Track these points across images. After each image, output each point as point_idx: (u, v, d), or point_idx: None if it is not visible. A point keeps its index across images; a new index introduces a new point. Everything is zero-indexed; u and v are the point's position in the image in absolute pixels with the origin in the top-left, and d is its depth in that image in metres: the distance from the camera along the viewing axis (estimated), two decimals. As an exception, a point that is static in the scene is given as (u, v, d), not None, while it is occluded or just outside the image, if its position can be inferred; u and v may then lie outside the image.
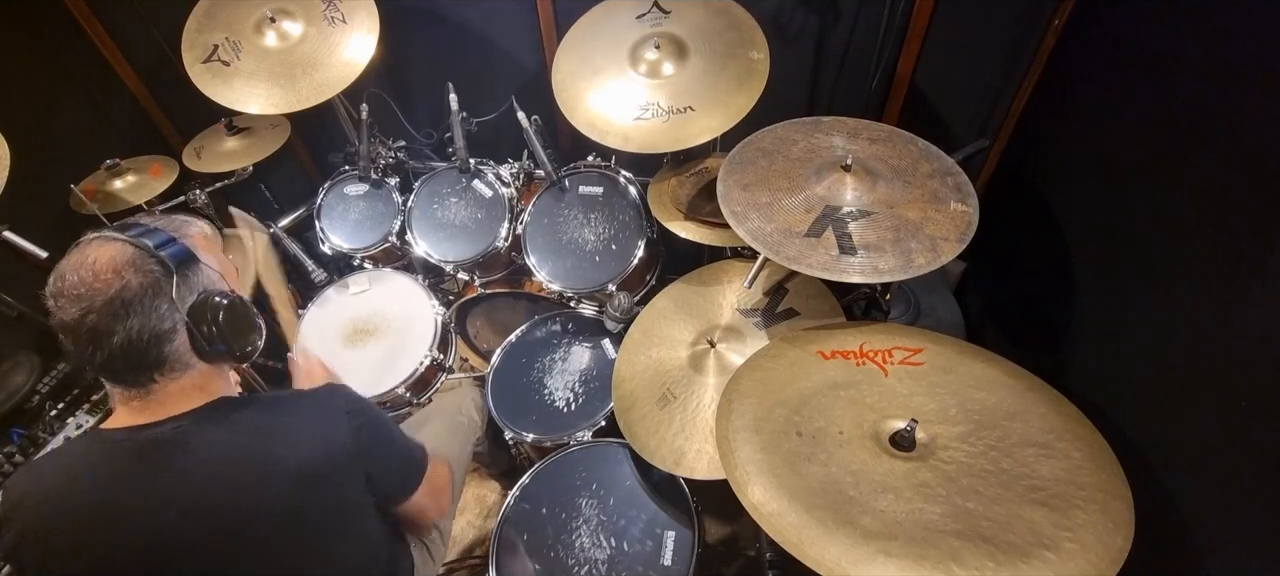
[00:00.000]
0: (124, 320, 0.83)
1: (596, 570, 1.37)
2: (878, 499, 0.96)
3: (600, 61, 1.75)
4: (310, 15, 1.82)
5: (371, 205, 2.05)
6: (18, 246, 1.58)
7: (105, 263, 0.83)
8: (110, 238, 0.86)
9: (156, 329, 0.85)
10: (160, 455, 0.88)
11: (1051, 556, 0.84)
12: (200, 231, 0.98)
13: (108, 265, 0.83)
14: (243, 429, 0.93)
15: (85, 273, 0.83)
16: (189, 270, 0.90)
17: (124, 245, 0.85)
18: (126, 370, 0.86)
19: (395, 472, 1.11)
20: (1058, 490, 0.92)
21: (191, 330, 0.89)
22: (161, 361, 0.87)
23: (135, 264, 0.85)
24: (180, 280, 0.87)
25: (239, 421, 0.94)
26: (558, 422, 1.68)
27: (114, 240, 0.86)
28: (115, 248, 0.85)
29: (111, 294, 0.82)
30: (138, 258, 0.85)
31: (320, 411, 1.00)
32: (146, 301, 0.84)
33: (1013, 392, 1.09)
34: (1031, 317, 1.74)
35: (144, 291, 0.84)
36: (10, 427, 1.62)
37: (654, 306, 1.68)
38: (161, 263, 0.86)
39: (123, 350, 0.84)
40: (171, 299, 0.86)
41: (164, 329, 0.86)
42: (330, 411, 1.00)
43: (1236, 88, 1.07)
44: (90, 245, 0.86)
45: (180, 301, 0.87)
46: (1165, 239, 1.20)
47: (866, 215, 1.25)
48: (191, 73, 1.75)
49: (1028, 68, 1.80)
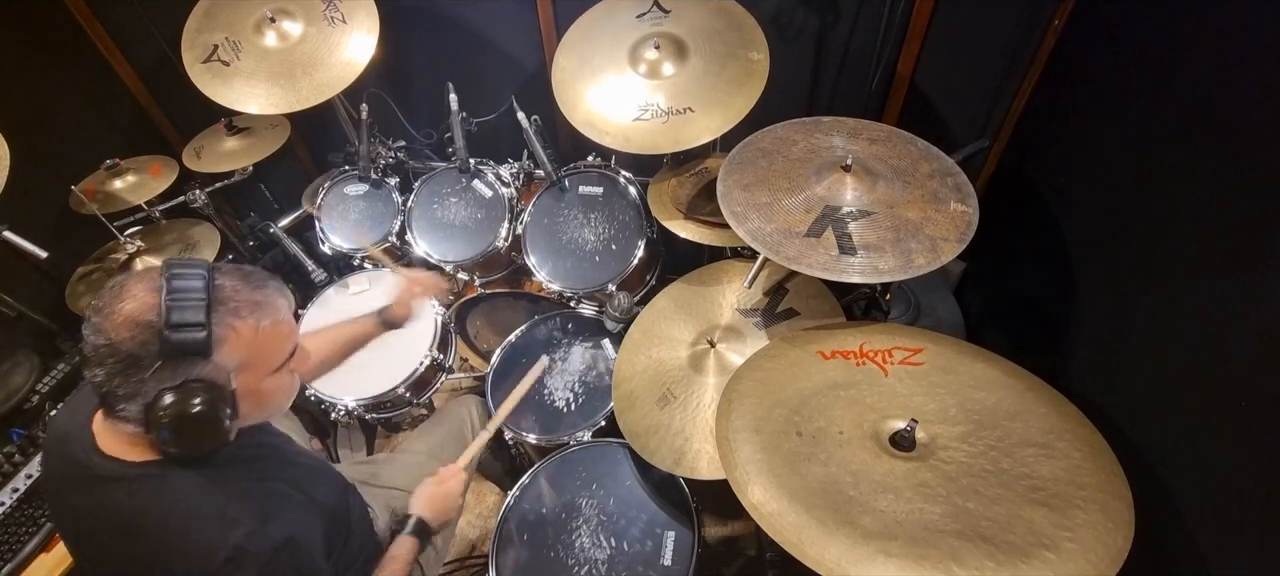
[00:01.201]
0: (104, 365, 0.84)
1: (596, 570, 1.37)
2: (878, 499, 0.96)
3: (600, 61, 1.75)
4: (310, 15, 1.82)
5: (371, 205, 2.05)
6: (18, 246, 1.58)
7: (127, 313, 0.84)
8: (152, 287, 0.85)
9: (119, 389, 0.85)
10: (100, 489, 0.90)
11: (1051, 556, 0.84)
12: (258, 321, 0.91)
13: (126, 316, 0.84)
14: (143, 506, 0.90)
15: (114, 302, 0.85)
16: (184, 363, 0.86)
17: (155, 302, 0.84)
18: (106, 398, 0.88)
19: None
20: (1058, 490, 0.92)
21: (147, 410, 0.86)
22: (116, 414, 0.88)
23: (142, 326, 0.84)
24: (166, 367, 0.85)
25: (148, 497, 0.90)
26: (558, 423, 1.68)
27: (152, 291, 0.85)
28: (145, 303, 0.84)
29: (110, 339, 0.84)
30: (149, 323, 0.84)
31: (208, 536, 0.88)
32: (126, 366, 0.84)
33: (1013, 392, 1.09)
34: (1031, 317, 1.74)
35: (128, 357, 0.84)
36: (10, 427, 1.62)
37: (654, 306, 1.68)
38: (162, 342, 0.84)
39: (100, 387, 0.86)
40: (144, 377, 0.85)
41: (124, 392, 0.85)
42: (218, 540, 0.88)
43: (1236, 88, 1.07)
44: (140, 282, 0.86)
45: (155, 380, 0.85)
46: (1165, 238, 1.20)
47: (866, 215, 1.25)
48: (191, 73, 1.75)
49: (1028, 68, 1.80)
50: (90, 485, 0.90)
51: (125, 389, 0.85)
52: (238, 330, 0.89)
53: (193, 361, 0.86)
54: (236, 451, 0.95)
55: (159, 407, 0.85)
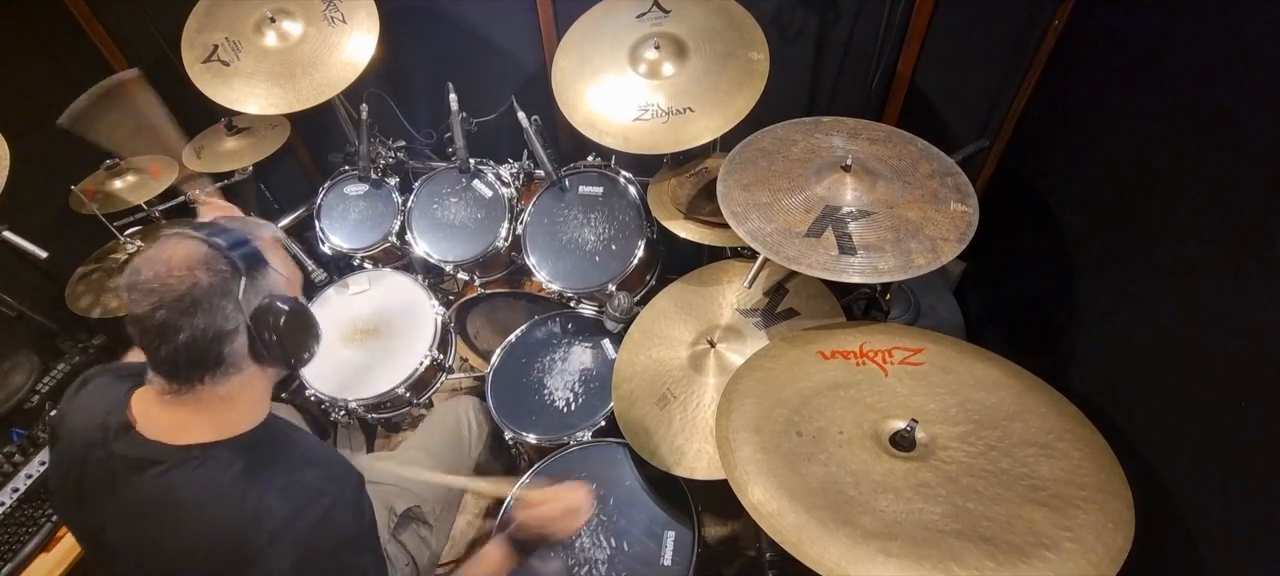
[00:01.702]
0: (191, 317, 0.84)
1: (596, 570, 1.37)
2: (878, 499, 0.96)
3: (600, 61, 1.75)
4: (310, 15, 1.82)
5: (371, 205, 2.05)
6: (18, 246, 1.58)
7: (180, 259, 0.85)
8: (187, 235, 0.88)
9: (221, 328, 0.87)
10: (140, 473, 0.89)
11: (1051, 556, 0.84)
12: (271, 234, 1.00)
13: (182, 262, 0.85)
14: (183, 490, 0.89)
15: (160, 268, 0.85)
16: (257, 273, 0.91)
17: (198, 243, 0.87)
18: (186, 366, 0.87)
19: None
20: (1057, 490, 0.92)
21: (252, 333, 0.89)
22: (220, 361, 0.88)
23: (207, 263, 0.86)
24: (248, 282, 0.89)
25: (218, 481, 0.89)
26: (558, 422, 1.68)
27: (189, 237, 0.88)
28: (190, 245, 0.87)
29: (182, 291, 0.84)
30: (210, 256, 0.87)
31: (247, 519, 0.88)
32: (215, 300, 0.86)
33: (1013, 392, 1.09)
34: (1031, 317, 1.74)
35: (212, 290, 0.85)
36: (10, 427, 1.62)
37: (654, 306, 1.68)
38: (232, 263, 0.88)
39: (187, 347, 0.85)
40: (237, 300, 0.87)
41: (227, 329, 0.87)
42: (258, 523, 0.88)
43: (1236, 88, 1.07)
44: (168, 242, 0.88)
45: (246, 303, 0.88)
46: (1165, 238, 1.20)
47: (866, 215, 1.25)
48: (191, 73, 1.75)
49: (1028, 68, 1.80)
50: (127, 473, 0.89)
51: (217, 326, 0.86)
52: (264, 239, 0.96)
53: (260, 270, 0.91)
54: (267, 435, 0.97)
55: (267, 319, 0.90)
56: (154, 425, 0.90)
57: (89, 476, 0.92)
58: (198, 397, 0.90)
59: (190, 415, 0.90)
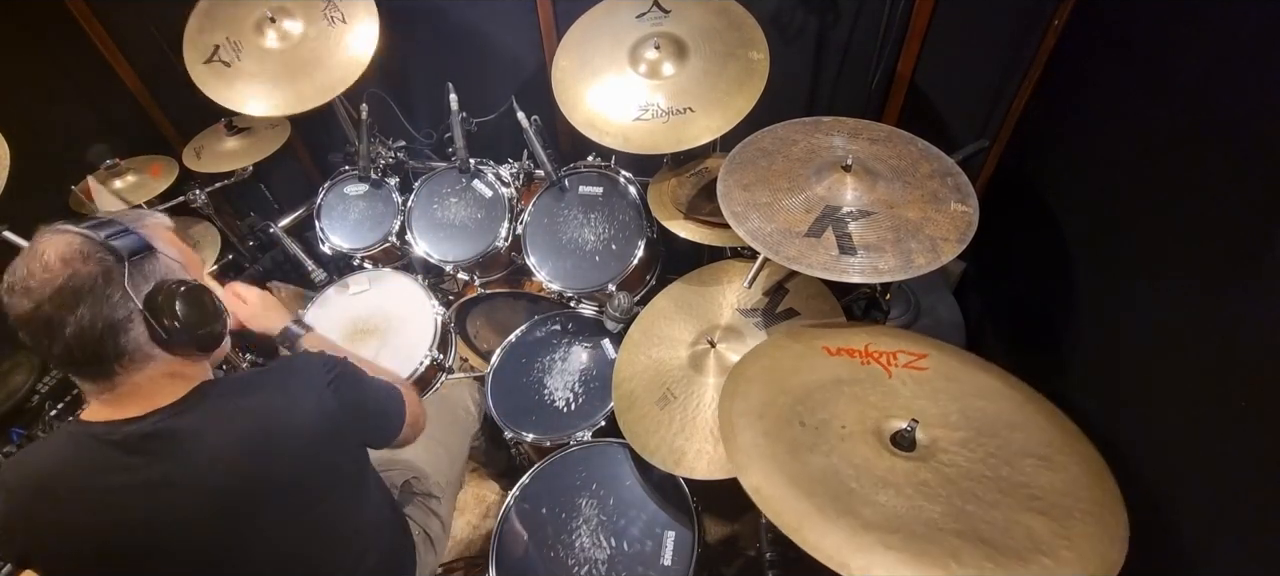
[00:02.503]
0: (73, 309, 0.82)
1: (596, 570, 1.38)
2: (879, 493, 0.96)
3: (600, 61, 1.75)
4: (310, 15, 1.82)
5: (371, 205, 2.05)
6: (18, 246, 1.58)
7: (54, 254, 0.83)
8: (61, 230, 0.86)
9: (109, 318, 0.84)
10: (148, 445, 0.88)
11: (1049, 563, 0.84)
12: (158, 222, 0.98)
13: (57, 256, 0.83)
14: (231, 410, 0.94)
15: (35, 265, 0.82)
16: (143, 259, 0.88)
17: (73, 236, 0.85)
18: (85, 362, 0.85)
19: (379, 423, 1.15)
20: (1056, 500, 0.92)
21: (148, 319, 0.87)
22: (120, 353, 0.86)
23: (84, 253, 0.84)
24: (133, 268, 0.86)
25: (225, 403, 0.94)
26: (558, 422, 1.68)
27: (64, 232, 0.85)
28: (65, 239, 0.84)
29: (60, 283, 0.81)
30: (87, 247, 0.84)
31: (304, 382, 1.01)
32: (98, 290, 0.83)
33: (1013, 404, 1.09)
34: (1031, 317, 1.74)
35: (93, 280, 0.83)
36: (10, 427, 1.62)
37: (654, 306, 1.68)
38: (112, 251, 0.85)
39: (76, 340, 0.83)
40: (124, 288, 0.85)
41: (117, 318, 0.85)
42: (314, 380, 1.01)
43: (1236, 88, 1.06)
44: (41, 238, 0.85)
45: (134, 290, 0.86)
46: (1165, 238, 1.20)
47: (866, 215, 1.25)
48: (193, 73, 1.76)
49: (1028, 68, 1.80)
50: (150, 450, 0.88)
51: (111, 317, 0.84)
52: (150, 227, 0.94)
53: (146, 256, 0.89)
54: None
55: (158, 302, 0.87)
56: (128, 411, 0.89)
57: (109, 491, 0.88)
58: (129, 386, 0.89)
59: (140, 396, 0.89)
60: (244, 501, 0.93)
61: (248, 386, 0.99)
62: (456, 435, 1.67)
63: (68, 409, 1.69)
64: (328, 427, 0.99)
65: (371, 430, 1.13)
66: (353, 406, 1.04)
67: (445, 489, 1.52)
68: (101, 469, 0.88)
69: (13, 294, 0.83)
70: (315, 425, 0.98)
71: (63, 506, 0.88)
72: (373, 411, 1.13)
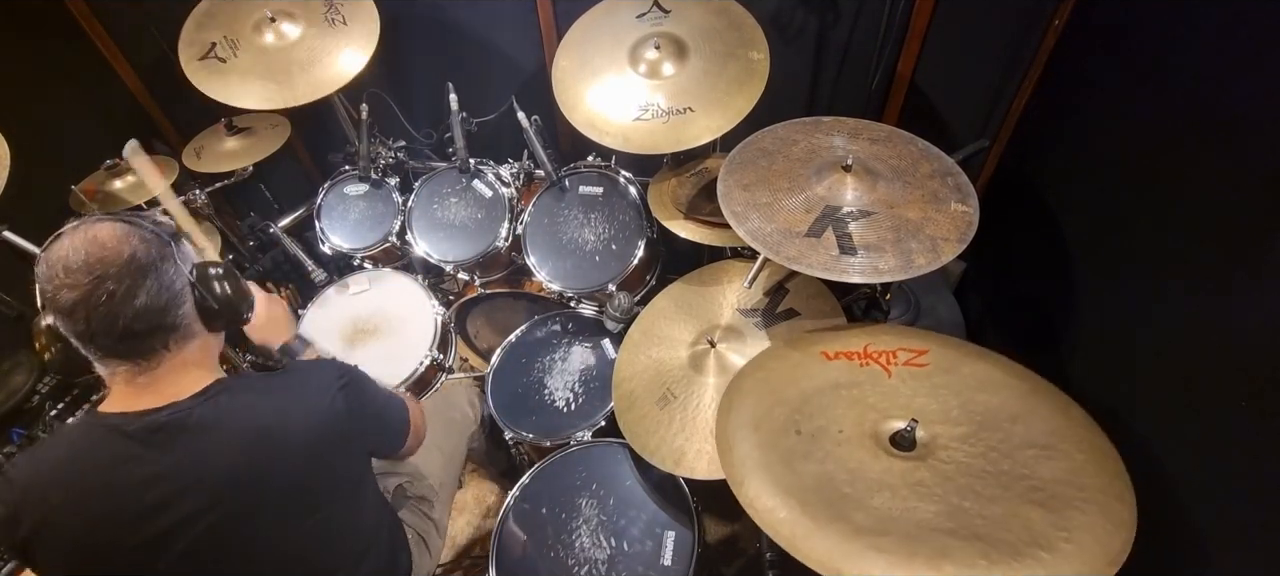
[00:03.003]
0: (143, 281, 0.86)
1: (596, 570, 1.38)
2: (872, 497, 0.96)
3: (600, 61, 1.75)
4: (310, 17, 1.82)
5: (371, 205, 2.05)
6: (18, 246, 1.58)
7: (108, 235, 0.86)
8: (102, 218, 0.89)
9: (171, 289, 0.89)
10: (164, 437, 0.89)
11: (1046, 556, 0.83)
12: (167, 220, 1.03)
13: (111, 237, 0.86)
14: (243, 408, 0.95)
15: (93, 248, 0.84)
16: (178, 243, 0.94)
17: (116, 222, 0.88)
18: (144, 335, 0.88)
19: (386, 432, 1.18)
20: (1057, 491, 0.92)
21: (198, 292, 0.93)
22: (176, 325, 0.91)
23: (136, 234, 0.88)
24: (176, 251, 0.92)
25: (238, 401, 0.96)
26: (558, 422, 1.68)
27: (105, 220, 0.88)
28: (109, 224, 0.87)
29: (125, 258, 0.85)
30: (134, 230, 0.88)
31: (317, 386, 1.04)
32: (158, 263, 0.88)
33: (1016, 394, 1.09)
34: (1031, 317, 1.74)
35: (151, 254, 0.87)
36: (10, 427, 1.62)
37: (654, 306, 1.68)
38: (156, 233, 0.90)
39: (144, 313, 0.86)
40: (176, 262, 0.91)
41: (177, 288, 0.90)
42: (326, 385, 1.03)
43: (1236, 88, 1.07)
44: (82, 227, 0.87)
45: (175, 270, 0.91)
46: (1165, 239, 1.20)
47: (866, 215, 1.25)
48: (187, 69, 1.75)
49: (1028, 68, 1.80)
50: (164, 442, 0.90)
51: (171, 288, 0.89)
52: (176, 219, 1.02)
53: (180, 240, 0.94)
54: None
55: (208, 277, 0.95)
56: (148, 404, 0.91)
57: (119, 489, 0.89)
58: (168, 368, 0.92)
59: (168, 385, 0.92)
60: (246, 499, 0.94)
61: (261, 387, 1.03)
62: (452, 437, 1.67)
63: (68, 409, 1.69)
64: (335, 432, 1.01)
65: (378, 438, 1.16)
66: (361, 413, 1.06)
67: (439, 492, 1.52)
68: (114, 460, 0.89)
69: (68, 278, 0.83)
70: (323, 429, 1.00)
71: (73, 496, 0.89)
72: (380, 419, 1.15)
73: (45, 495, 0.89)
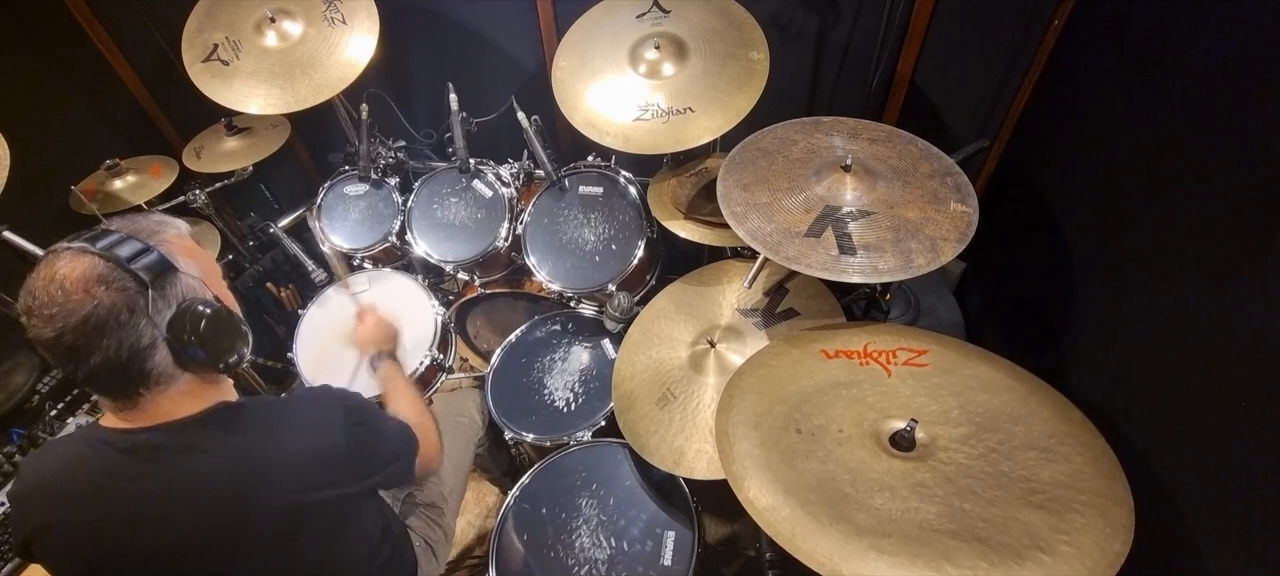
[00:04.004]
0: (99, 340, 0.79)
1: (596, 570, 1.38)
2: (874, 497, 0.96)
3: (600, 61, 1.75)
4: (310, 15, 1.82)
5: (371, 205, 2.05)
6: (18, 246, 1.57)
7: (75, 281, 0.79)
8: (80, 250, 0.81)
9: (135, 346, 0.82)
10: (153, 455, 0.88)
11: (1046, 559, 0.84)
12: (177, 233, 0.93)
13: (78, 283, 0.79)
14: (239, 433, 0.93)
15: (55, 291, 0.79)
16: (165, 281, 0.85)
17: (94, 259, 0.81)
18: (111, 385, 0.85)
19: (391, 464, 1.12)
20: (1056, 493, 0.92)
21: (172, 344, 0.85)
22: (145, 376, 0.85)
23: (107, 280, 0.80)
24: (156, 294, 0.83)
25: (235, 426, 0.93)
26: (558, 423, 1.68)
27: (84, 254, 0.81)
28: (85, 263, 0.80)
29: (85, 314, 0.78)
30: (109, 273, 0.80)
31: (317, 413, 1.01)
32: (123, 318, 0.80)
33: (1016, 396, 1.09)
34: (1031, 317, 1.74)
35: (118, 309, 0.80)
36: (10, 427, 1.62)
37: (654, 306, 1.68)
38: (135, 277, 0.82)
39: (103, 368, 0.81)
40: (148, 315, 0.82)
41: (142, 346, 0.82)
42: (327, 413, 1.01)
43: (1236, 88, 1.06)
44: (59, 259, 0.81)
45: (157, 316, 0.83)
46: (1165, 238, 1.20)
47: (866, 215, 1.25)
48: (191, 72, 1.75)
49: (1028, 68, 1.79)
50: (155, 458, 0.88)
51: (136, 345, 0.82)
52: (170, 241, 0.90)
53: (168, 277, 0.85)
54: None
55: (182, 329, 0.85)
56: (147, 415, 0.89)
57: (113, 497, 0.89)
58: (149, 402, 0.88)
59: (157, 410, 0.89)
60: (239, 522, 0.91)
61: (261, 410, 0.98)
62: (460, 444, 1.66)
63: (68, 409, 1.69)
64: (333, 464, 0.97)
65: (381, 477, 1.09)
66: (362, 451, 1.02)
67: (448, 498, 1.52)
68: (108, 472, 0.88)
69: (32, 317, 0.80)
70: (318, 459, 0.96)
71: (67, 503, 0.89)
72: (382, 455, 1.09)
73: (42, 499, 0.90)
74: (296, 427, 0.98)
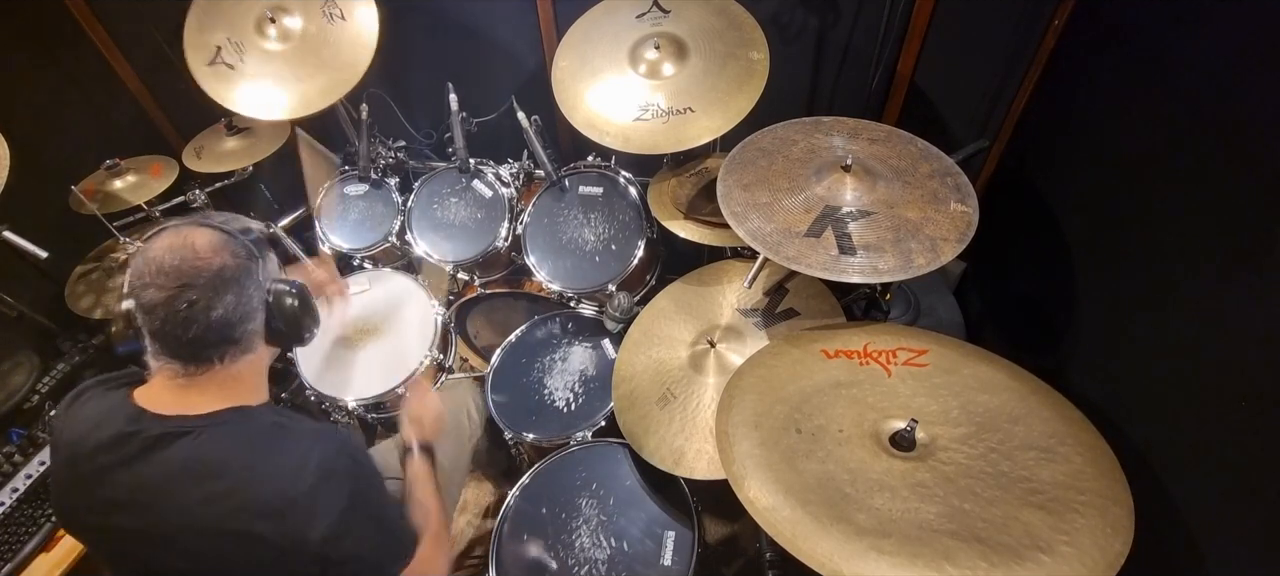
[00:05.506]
0: (224, 295, 0.90)
1: (596, 570, 1.37)
2: (874, 497, 0.96)
3: (600, 61, 1.75)
4: (308, 12, 1.82)
5: (371, 205, 2.04)
6: (18, 246, 1.58)
7: (204, 244, 0.90)
8: (202, 223, 0.93)
9: (246, 307, 0.93)
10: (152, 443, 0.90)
11: (1046, 559, 0.84)
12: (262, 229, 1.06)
13: (207, 246, 0.90)
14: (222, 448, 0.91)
15: (187, 253, 0.89)
16: (265, 257, 0.98)
17: (215, 231, 0.93)
18: (209, 345, 0.91)
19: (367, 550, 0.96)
20: (1056, 494, 0.92)
21: (270, 310, 0.96)
22: (239, 339, 0.94)
23: (229, 247, 0.92)
24: (263, 265, 0.97)
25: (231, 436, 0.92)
26: (558, 423, 1.68)
27: (205, 226, 0.93)
28: (209, 232, 0.92)
29: (213, 271, 0.89)
30: (229, 242, 0.93)
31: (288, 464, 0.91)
32: (243, 279, 0.92)
33: (1016, 396, 1.09)
34: (1031, 318, 1.74)
35: (238, 271, 0.92)
36: (10, 427, 1.62)
37: (654, 306, 1.68)
38: (248, 248, 0.94)
39: (218, 324, 0.90)
40: (258, 281, 0.95)
41: (251, 308, 0.94)
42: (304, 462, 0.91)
43: (1236, 87, 1.06)
44: (184, 230, 0.92)
45: (257, 285, 0.95)
46: (1165, 239, 1.20)
47: (866, 215, 1.25)
48: (197, 76, 1.76)
49: (1028, 68, 1.79)
50: (147, 451, 0.89)
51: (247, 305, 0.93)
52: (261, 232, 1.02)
53: (266, 255, 0.99)
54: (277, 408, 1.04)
55: (282, 300, 0.98)
56: (167, 408, 0.92)
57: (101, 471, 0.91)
58: (211, 377, 0.93)
59: (201, 394, 0.94)
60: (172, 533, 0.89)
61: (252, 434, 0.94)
62: (456, 444, 1.66)
63: (68, 409, 1.69)
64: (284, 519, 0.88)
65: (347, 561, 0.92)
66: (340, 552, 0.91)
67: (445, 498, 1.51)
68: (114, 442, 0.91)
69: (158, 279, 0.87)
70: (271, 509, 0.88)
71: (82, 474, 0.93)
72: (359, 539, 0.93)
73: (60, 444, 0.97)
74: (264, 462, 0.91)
